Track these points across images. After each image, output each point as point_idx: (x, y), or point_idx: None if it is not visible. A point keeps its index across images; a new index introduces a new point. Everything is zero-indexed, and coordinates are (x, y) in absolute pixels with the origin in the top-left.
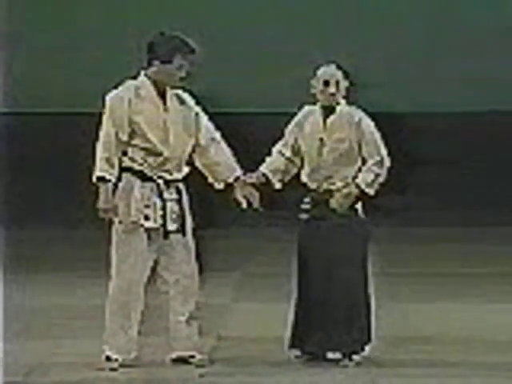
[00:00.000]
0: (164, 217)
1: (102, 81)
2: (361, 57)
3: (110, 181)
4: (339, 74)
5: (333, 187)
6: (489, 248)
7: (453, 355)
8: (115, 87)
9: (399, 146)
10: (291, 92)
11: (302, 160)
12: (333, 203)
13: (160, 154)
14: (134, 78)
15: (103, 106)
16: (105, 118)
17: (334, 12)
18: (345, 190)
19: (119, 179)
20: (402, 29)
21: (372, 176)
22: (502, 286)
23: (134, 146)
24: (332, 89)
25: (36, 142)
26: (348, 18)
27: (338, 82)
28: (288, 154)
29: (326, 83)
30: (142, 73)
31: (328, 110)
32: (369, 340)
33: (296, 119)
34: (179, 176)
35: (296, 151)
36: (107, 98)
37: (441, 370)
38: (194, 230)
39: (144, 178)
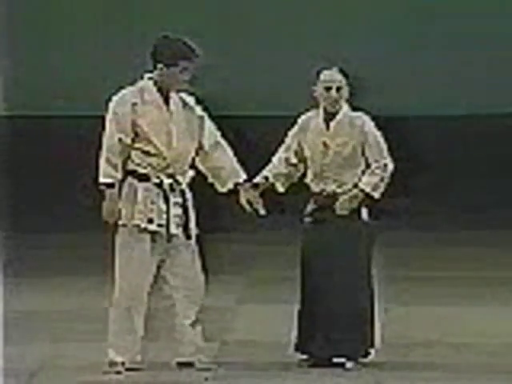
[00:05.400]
0: (168, 220)
1: (104, 84)
2: (363, 60)
3: (113, 185)
4: (341, 79)
5: (337, 191)
6: (495, 251)
7: (457, 359)
8: (117, 91)
9: (402, 149)
10: (294, 95)
11: (306, 164)
12: (337, 207)
13: (164, 158)
14: (141, 78)
15: (107, 109)
16: (108, 121)
17: (336, 14)
18: (349, 194)
19: (123, 181)
20: (402, 31)
21: (376, 179)
22: (507, 291)
23: (138, 149)
24: (334, 94)
25: (37, 146)
26: (349, 21)
27: (339, 88)
28: (291, 158)
29: (328, 89)
30: (146, 76)
31: (331, 114)
32: (372, 344)
33: (299, 123)
34: (183, 179)
35: (299, 155)
36: (111, 101)
37: (445, 374)
38: (198, 236)
39: (148, 181)
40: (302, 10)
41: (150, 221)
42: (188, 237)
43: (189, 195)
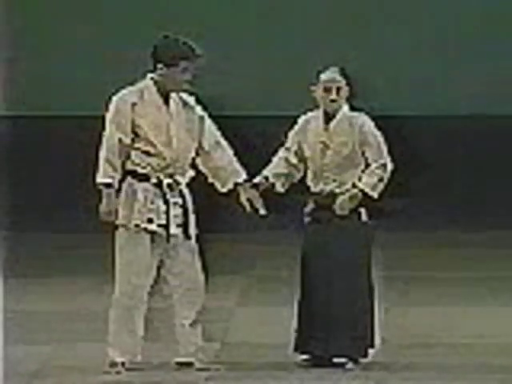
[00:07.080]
0: (168, 220)
1: (104, 84)
2: (363, 60)
3: (112, 185)
4: (341, 80)
5: (336, 191)
6: (495, 252)
7: (457, 359)
8: (117, 91)
9: (402, 149)
10: (295, 95)
11: (306, 164)
12: (336, 207)
13: (163, 158)
14: (142, 78)
15: (107, 109)
16: (108, 121)
17: (337, 15)
18: (348, 194)
19: (122, 181)
20: (402, 32)
21: (375, 179)
22: (507, 291)
23: (137, 149)
24: (333, 95)
25: (37, 146)
26: (349, 21)
27: (339, 88)
28: (291, 158)
29: (328, 89)
30: (147, 76)
31: (330, 115)
32: (372, 344)
33: (298, 124)
34: (183, 179)
35: (299, 156)
36: (111, 101)
37: (445, 374)
38: (198, 236)
39: (147, 181)
40: (301, 11)
41: (150, 221)
42: (188, 237)
43: (188, 195)
